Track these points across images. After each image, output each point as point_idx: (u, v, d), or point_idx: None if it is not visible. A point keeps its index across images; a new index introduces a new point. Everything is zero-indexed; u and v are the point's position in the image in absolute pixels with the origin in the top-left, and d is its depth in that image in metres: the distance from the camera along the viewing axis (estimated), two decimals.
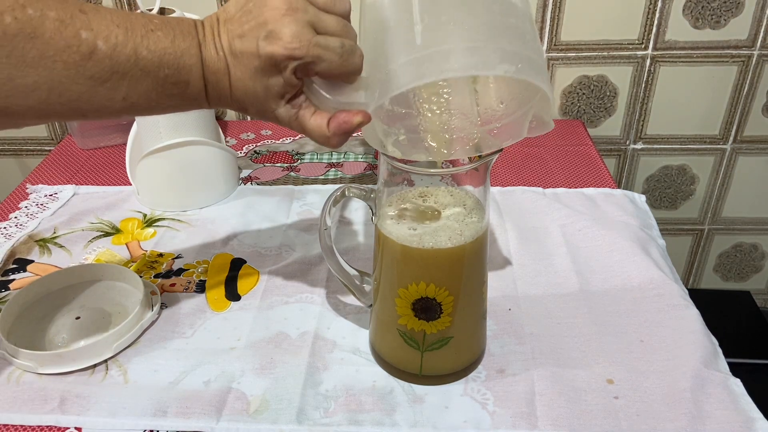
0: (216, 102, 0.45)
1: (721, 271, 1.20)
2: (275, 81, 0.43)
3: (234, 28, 0.42)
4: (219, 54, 0.43)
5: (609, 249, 0.69)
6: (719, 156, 1.08)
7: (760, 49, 0.97)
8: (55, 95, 0.40)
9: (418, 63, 0.41)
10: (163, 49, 0.42)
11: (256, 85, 0.43)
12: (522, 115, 0.47)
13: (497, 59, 0.41)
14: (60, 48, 0.39)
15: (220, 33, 0.43)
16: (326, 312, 0.62)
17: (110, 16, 0.41)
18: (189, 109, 0.46)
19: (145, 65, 0.41)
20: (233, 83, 0.43)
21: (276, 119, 0.45)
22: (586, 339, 0.58)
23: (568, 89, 1.02)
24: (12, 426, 0.51)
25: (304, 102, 0.45)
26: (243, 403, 0.53)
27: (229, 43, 0.42)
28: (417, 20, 0.42)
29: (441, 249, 0.49)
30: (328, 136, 0.45)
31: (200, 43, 0.43)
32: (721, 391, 0.53)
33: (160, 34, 0.42)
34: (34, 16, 0.38)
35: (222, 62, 0.43)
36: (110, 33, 0.40)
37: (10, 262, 0.70)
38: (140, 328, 0.59)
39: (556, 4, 0.94)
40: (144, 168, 0.76)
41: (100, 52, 0.40)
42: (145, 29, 0.42)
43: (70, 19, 0.39)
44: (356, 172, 0.87)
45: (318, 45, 0.41)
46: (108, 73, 0.41)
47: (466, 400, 0.53)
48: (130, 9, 0.96)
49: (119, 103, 0.42)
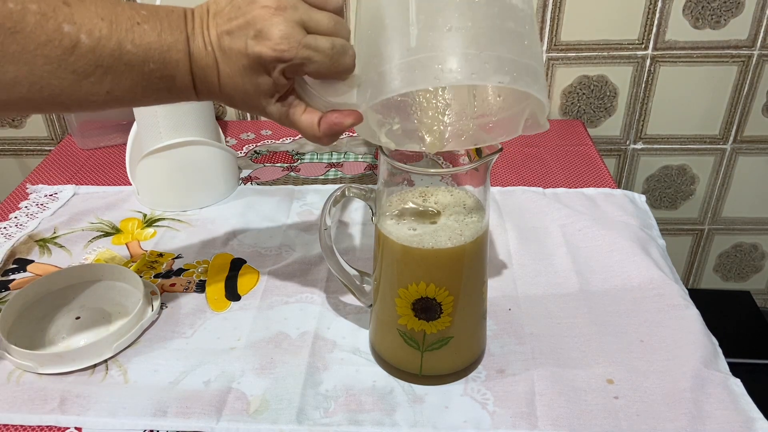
0: (205, 95, 0.44)
1: (721, 271, 1.20)
2: (264, 80, 0.42)
3: (223, 23, 0.41)
4: (207, 49, 0.42)
5: (609, 249, 0.69)
6: (719, 156, 1.08)
7: (760, 49, 0.97)
8: (36, 89, 0.39)
9: (410, 68, 0.40)
10: (149, 44, 0.41)
11: (246, 83, 0.42)
12: (518, 112, 0.46)
13: (492, 69, 0.40)
14: (41, 42, 0.38)
15: (209, 26, 0.42)
16: (326, 312, 0.62)
17: (95, 7, 0.40)
18: (177, 101, 0.45)
19: (129, 60, 0.40)
20: (222, 78, 0.43)
21: (267, 115, 0.45)
22: (586, 339, 0.58)
23: (568, 89, 1.02)
24: (12, 426, 0.51)
25: (294, 100, 0.44)
26: (243, 403, 0.53)
27: (217, 37, 0.42)
28: (413, 20, 0.41)
29: (441, 249, 0.49)
30: (318, 135, 0.44)
31: (188, 36, 0.42)
32: (721, 391, 0.53)
33: (147, 27, 0.41)
34: (15, 9, 0.38)
35: (210, 57, 0.42)
36: (94, 26, 0.39)
37: (10, 262, 0.70)
38: (140, 328, 0.59)
39: (556, 4, 0.94)
40: (144, 168, 0.76)
41: (83, 46, 0.39)
42: (131, 22, 0.40)
43: (52, 12, 0.38)
44: (356, 172, 0.87)
45: (308, 46, 0.40)
46: (91, 68, 0.40)
47: (466, 400, 0.53)
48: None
49: (103, 97, 0.41)
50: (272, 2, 0.40)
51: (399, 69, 0.41)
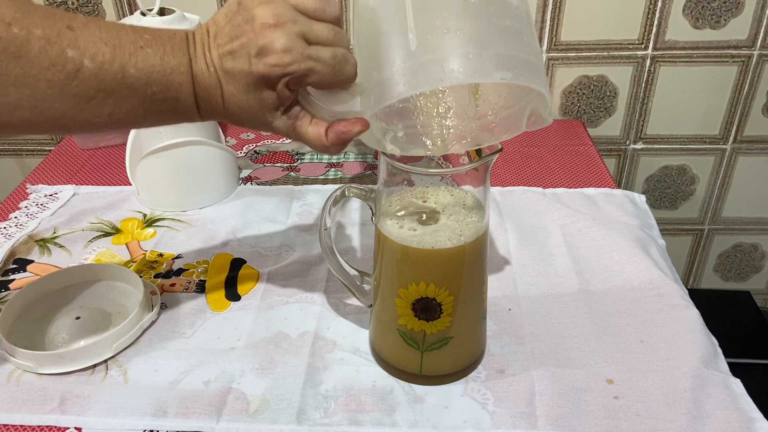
0: (209, 116, 0.45)
1: (721, 271, 1.20)
2: (268, 94, 0.42)
3: (224, 44, 0.42)
4: (210, 70, 0.42)
5: (609, 249, 0.69)
6: (719, 156, 1.08)
7: (760, 49, 0.97)
8: (38, 112, 0.39)
9: (413, 72, 0.41)
10: (152, 67, 0.41)
11: (250, 99, 0.42)
12: (520, 109, 0.47)
13: (493, 66, 0.40)
14: (45, 66, 0.38)
15: (210, 48, 0.42)
16: (326, 312, 0.62)
17: (99, 32, 0.40)
18: (179, 122, 0.45)
19: (132, 83, 0.41)
20: (226, 98, 0.43)
21: (273, 130, 0.45)
22: (586, 339, 0.58)
23: (568, 89, 1.02)
24: (12, 426, 0.51)
25: (300, 112, 0.45)
26: (243, 403, 0.53)
27: (219, 58, 0.42)
28: (411, 26, 0.41)
29: (441, 249, 0.49)
30: (327, 145, 0.45)
31: (191, 59, 0.42)
32: (721, 391, 0.53)
33: (150, 51, 0.41)
34: (20, 35, 0.38)
35: (214, 77, 0.42)
36: (97, 51, 0.40)
37: (10, 262, 0.70)
38: (140, 328, 0.59)
39: (556, 4, 0.94)
40: (144, 168, 0.76)
41: (86, 70, 0.39)
42: (134, 46, 0.41)
43: (56, 37, 0.39)
44: (356, 172, 0.87)
45: (310, 57, 0.41)
46: (93, 91, 0.40)
47: (466, 400, 0.53)
48: (130, 9, 0.96)
49: (104, 119, 0.41)
50: (271, 18, 0.40)
51: (402, 73, 0.41)
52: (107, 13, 0.97)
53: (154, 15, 0.72)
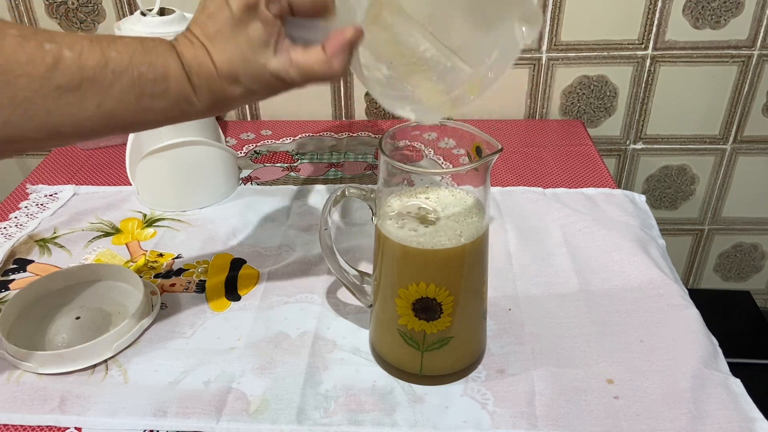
0: (204, 92, 0.44)
1: (721, 271, 1.20)
2: (254, 27, 0.42)
3: (199, 18, 0.43)
4: (194, 42, 0.43)
5: (609, 249, 0.69)
6: (719, 156, 1.08)
7: (760, 49, 0.97)
8: (21, 112, 0.39)
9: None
10: (133, 50, 0.41)
11: (239, 43, 0.42)
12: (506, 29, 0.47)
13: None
14: (22, 62, 0.38)
15: (191, 29, 0.43)
16: (326, 312, 0.62)
17: (73, 33, 0.41)
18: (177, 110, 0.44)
19: (115, 66, 0.40)
20: (216, 57, 0.42)
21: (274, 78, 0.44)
22: (586, 339, 0.58)
23: (568, 89, 1.02)
24: (12, 426, 0.51)
25: (291, 45, 0.44)
26: (243, 403, 0.53)
27: (201, 30, 0.43)
28: None
29: (441, 249, 0.49)
30: (329, 60, 0.43)
31: (172, 44, 0.43)
32: (721, 391, 0.53)
33: (128, 40, 0.42)
34: None
35: (198, 46, 0.43)
36: (75, 42, 0.40)
37: (10, 262, 0.70)
38: (140, 328, 0.59)
39: (556, 4, 0.94)
40: (144, 168, 0.76)
41: (66, 59, 0.39)
42: (111, 39, 0.41)
43: (32, 35, 0.39)
44: (356, 172, 0.87)
45: None
46: (77, 81, 0.39)
47: (466, 400, 0.53)
48: (130, 9, 0.96)
49: (94, 111, 0.41)
50: None
51: None
52: (107, 13, 0.97)
53: (154, 15, 0.71)
